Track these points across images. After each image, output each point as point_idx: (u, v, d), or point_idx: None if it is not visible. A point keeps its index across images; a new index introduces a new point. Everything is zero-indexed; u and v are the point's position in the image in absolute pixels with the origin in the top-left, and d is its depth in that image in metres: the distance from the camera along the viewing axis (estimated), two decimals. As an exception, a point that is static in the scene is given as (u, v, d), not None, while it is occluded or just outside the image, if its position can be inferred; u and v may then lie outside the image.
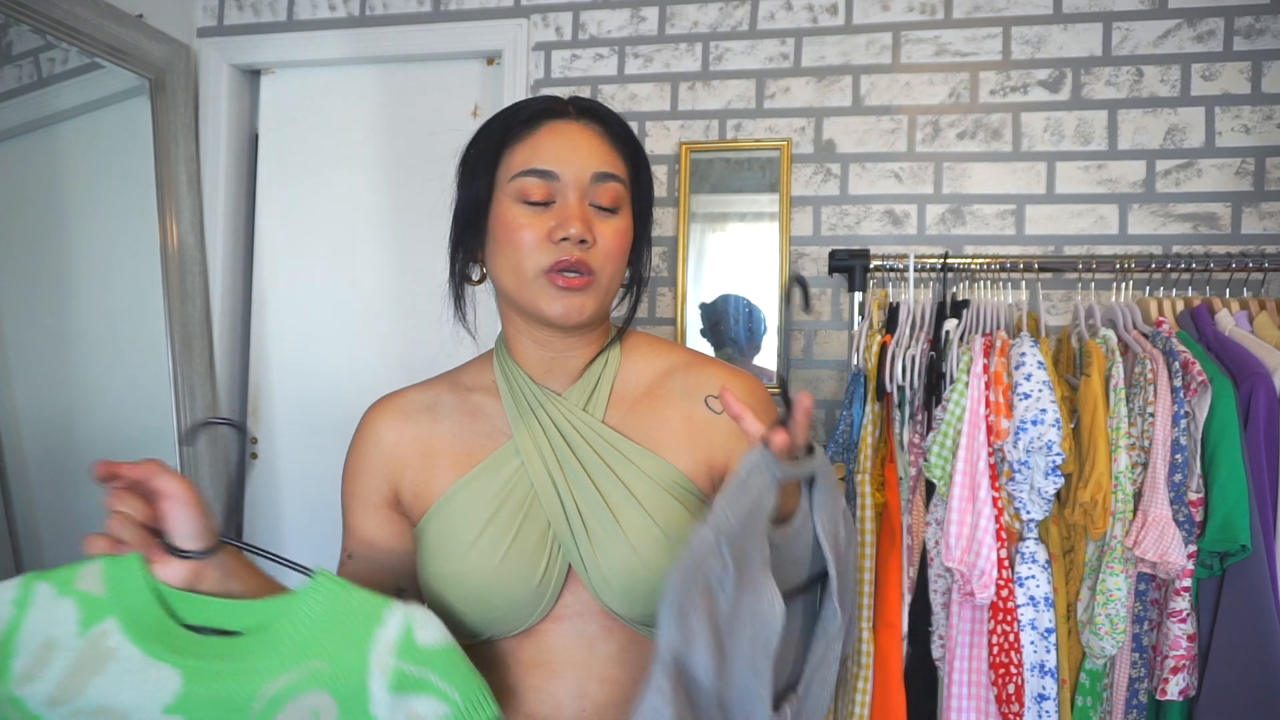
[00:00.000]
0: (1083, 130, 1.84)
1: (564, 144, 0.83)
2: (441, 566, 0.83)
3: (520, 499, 0.83)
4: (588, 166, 0.83)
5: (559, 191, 0.82)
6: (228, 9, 2.23)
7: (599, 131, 0.85)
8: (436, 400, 0.91)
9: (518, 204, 0.83)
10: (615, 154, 0.86)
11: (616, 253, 0.84)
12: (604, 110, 0.88)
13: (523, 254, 0.82)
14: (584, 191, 0.83)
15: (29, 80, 1.86)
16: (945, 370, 1.54)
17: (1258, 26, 1.77)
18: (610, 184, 0.84)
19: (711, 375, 0.89)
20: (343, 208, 2.21)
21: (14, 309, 1.82)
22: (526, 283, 0.82)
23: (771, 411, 0.91)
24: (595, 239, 0.82)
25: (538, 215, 0.82)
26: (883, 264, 1.74)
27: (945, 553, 1.37)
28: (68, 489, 1.91)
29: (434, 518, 0.85)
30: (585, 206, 0.82)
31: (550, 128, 0.84)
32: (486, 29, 2.09)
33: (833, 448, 1.63)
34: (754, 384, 0.91)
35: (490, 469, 0.85)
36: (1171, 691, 1.34)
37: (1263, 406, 1.35)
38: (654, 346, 0.94)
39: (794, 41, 1.96)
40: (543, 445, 0.85)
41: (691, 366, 0.91)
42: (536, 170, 0.82)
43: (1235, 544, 1.30)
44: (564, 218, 0.81)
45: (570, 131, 0.84)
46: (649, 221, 0.92)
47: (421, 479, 0.88)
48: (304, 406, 2.22)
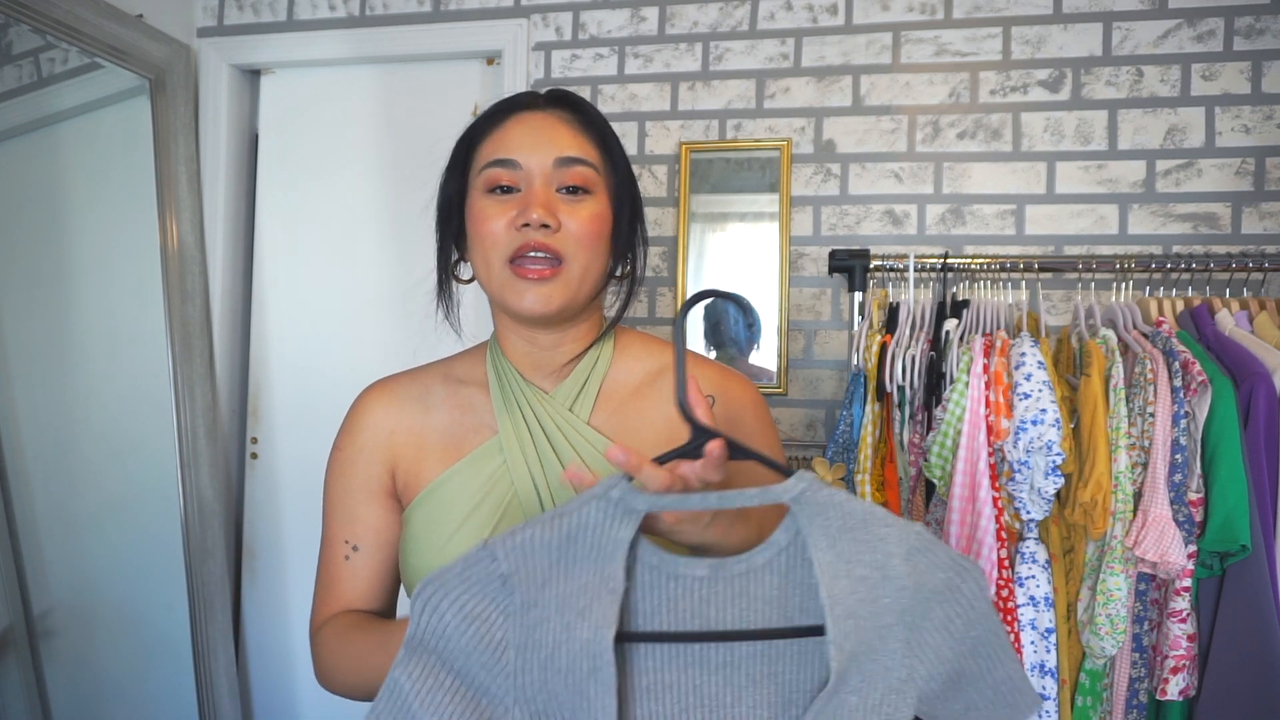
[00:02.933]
0: (1083, 130, 1.84)
1: (527, 131, 0.83)
2: (420, 559, 0.84)
3: (501, 495, 0.83)
4: (550, 151, 0.82)
5: (524, 179, 0.82)
6: (228, 9, 2.23)
7: (566, 118, 0.85)
8: (428, 390, 0.91)
9: (485, 195, 0.83)
10: (584, 139, 0.84)
11: (589, 237, 0.82)
12: (575, 98, 0.87)
13: (489, 243, 0.82)
14: (548, 177, 0.82)
15: (29, 80, 1.86)
16: (945, 370, 1.54)
17: (1258, 26, 1.77)
18: (577, 167, 0.82)
19: (703, 375, 0.88)
20: (342, 207, 2.21)
21: (14, 309, 1.82)
22: (495, 274, 0.82)
23: (762, 416, 0.89)
24: (560, 223, 0.81)
25: (504, 204, 0.82)
26: (883, 264, 1.74)
27: (945, 553, 1.37)
28: (68, 488, 1.91)
29: (418, 509, 0.85)
30: (550, 192, 0.82)
31: (516, 119, 0.84)
32: (486, 29, 2.09)
33: (833, 448, 1.63)
34: (745, 384, 0.90)
35: (474, 463, 0.85)
36: (1171, 691, 1.34)
37: (1263, 406, 1.35)
38: (647, 345, 0.93)
39: (794, 41, 1.96)
40: (525, 442, 0.84)
41: None
42: (500, 160, 0.82)
43: (1235, 544, 1.30)
44: (526, 203, 0.80)
45: (535, 121, 0.84)
46: (635, 211, 0.89)
47: (412, 469, 0.88)
48: (304, 406, 2.22)
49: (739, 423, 0.88)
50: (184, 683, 2.04)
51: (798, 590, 0.63)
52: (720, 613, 0.63)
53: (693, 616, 0.62)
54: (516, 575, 0.61)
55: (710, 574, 0.62)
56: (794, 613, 0.63)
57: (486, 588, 0.62)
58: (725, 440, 0.65)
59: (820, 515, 0.62)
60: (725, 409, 0.87)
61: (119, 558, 2.00)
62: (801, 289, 1.96)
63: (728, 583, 0.63)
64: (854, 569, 0.62)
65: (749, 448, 0.66)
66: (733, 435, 0.67)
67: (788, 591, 0.63)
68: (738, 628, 0.63)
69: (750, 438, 0.86)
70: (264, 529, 2.24)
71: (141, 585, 2.04)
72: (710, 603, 0.63)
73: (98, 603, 1.94)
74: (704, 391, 0.84)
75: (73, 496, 1.91)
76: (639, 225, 0.90)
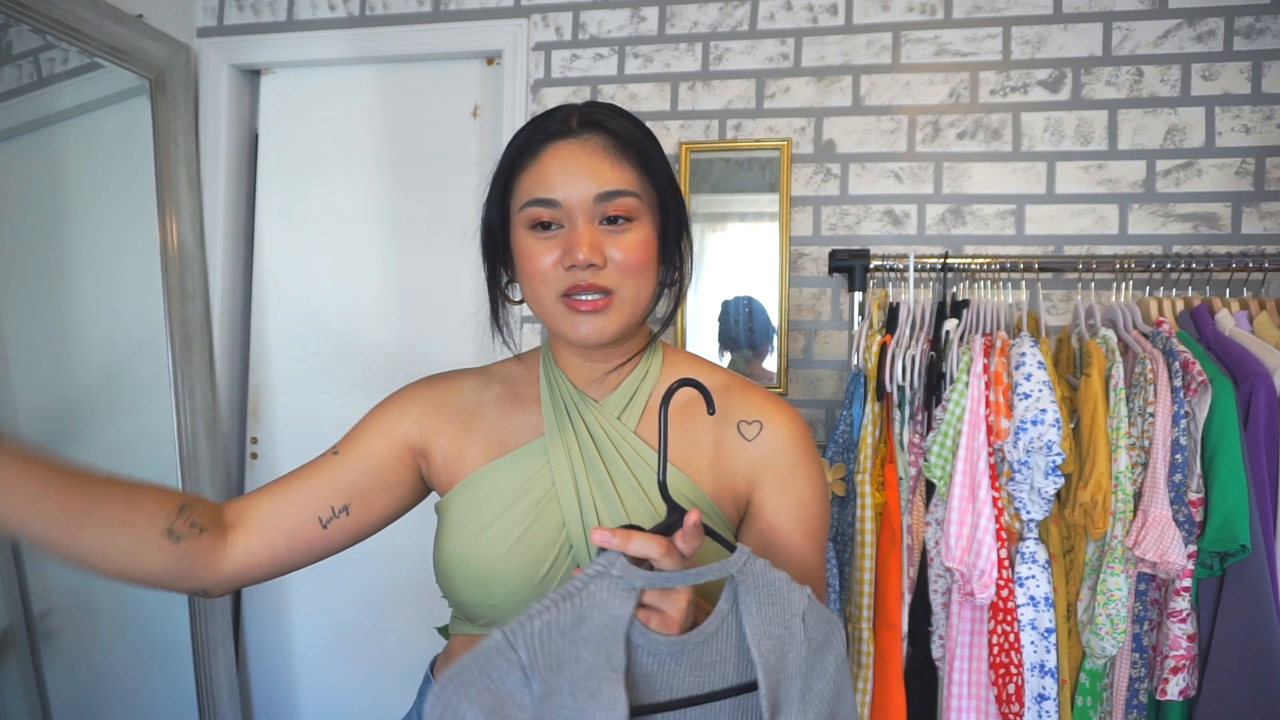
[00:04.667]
0: (1083, 130, 1.84)
1: (565, 167, 0.83)
2: (454, 544, 0.86)
3: (539, 495, 0.85)
4: (591, 187, 0.82)
5: (566, 216, 0.82)
6: (228, 9, 2.23)
7: (602, 144, 0.84)
8: (485, 385, 0.94)
9: (529, 232, 0.84)
10: (623, 165, 0.84)
11: (636, 266, 0.83)
12: (608, 117, 0.86)
13: (538, 281, 0.83)
14: (590, 213, 0.82)
15: (29, 80, 1.86)
16: (945, 370, 1.54)
17: (1258, 26, 1.77)
18: (618, 200, 0.82)
19: (750, 401, 0.89)
20: (342, 208, 2.21)
21: (14, 308, 1.82)
22: (547, 308, 0.84)
23: (807, 446, 0.89)
24: (606, 260, 0.82)
25: (548, 242, 0.83)
26: (883, 264, 1.74)
27: (945, 553, 1.37)
28: (68, 489, 1.90)
29: (458, 495, 0.88)
30: (593, 229, 0.82)
31: (552, 151, 0.84)
32: (486, 29, 2.09)
33: (833, 448, 1.63)
34: (792, 415, 0.90)
35: (518, 459, 0.87)
36: (1171, 691, 1.34)
37: (1263, 406, 1.35)
38: (694, 365, 0.95)
39: (794, 41, 1.96)
40: (572, 446, 0.86)
41: (731, 390, 0.90)
42: (540, 199, 0.83)
43: (1235, 544, 1.30)
44: (570, 244, 0.81)
45: (571, 152, 0.83)
46: (680, 220, 0.90)
47: (455, 449, 0.90)
48: (304, 406, 2.22)
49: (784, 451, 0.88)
50: (184, 683, 2.04)
51: (733, 653, 0.72)
52: (682, 681, 0.71)
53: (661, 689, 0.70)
54: (535, 664, 0.64)
55: (679, 649, 0.70)
56: (730, 673, 0.72)
57: (507, 680, 0.64)
58: None
59: (752, 583, 0.72)
60: (769, 435, 0.88)
61: (119, 558, 2.00)
62: (801, 289, 1.96)
63: (689, 653, 0.70)
64: (772, 629, 0.72)
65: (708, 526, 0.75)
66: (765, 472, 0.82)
67: (726, 655, 0.72)
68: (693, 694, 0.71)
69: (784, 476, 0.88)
70: (264, 529, 2.23)
71: (141, 585, 2.04)
72: (677, 674, 0.70)
73: (98, 603, 1.94)
74: (750, 418, 0.88)
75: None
76: (685, 233, 0.91)
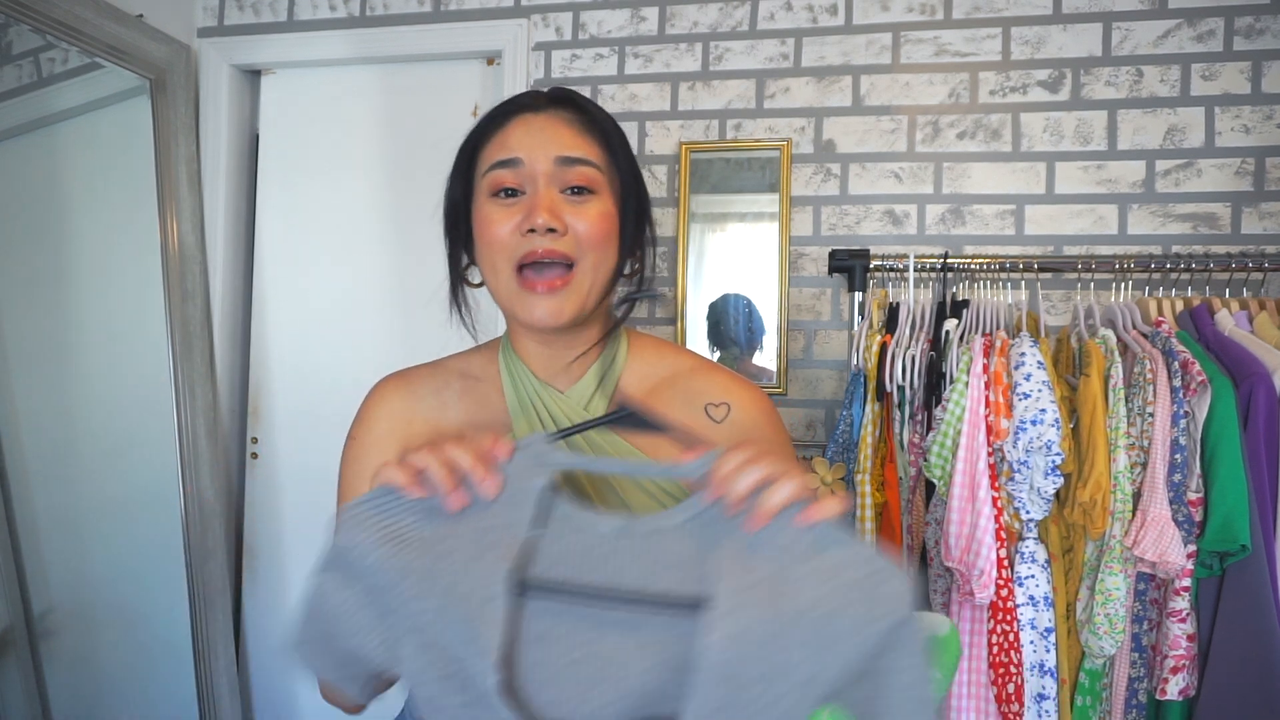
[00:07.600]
0: (1082, 130, 1.84)
1: (529, 132, 0.83)
2: None
3: None
4: (552, 150, 0.81)
5: (527, 179, 0.81)
6: (228, 9, 2.23)
7: (569, 118, 0.84)
8: (445, 385, 0.91)
9: (490, 199, 0.82)
10: (587, 138, 0.84)
11: (596, 238, 0.81)
12: (578, 98, 0.87)
13: (496, 249, 0.81)
14: (551, 177, 0.81)
15: (29, 80, 1.86)
16: (945, 370, 1.54)
17: (1258, 26, 1.77)
18: (579, 167, 0.82)
19: (715, 383, 0.88)
20: (343, 207, 2.22)
21: (14, 308, 1.82)
22: (503, 284, 0.82)
23: (776, 424, 0.89)
24: (566, 226, 0.80)
25: (508, 209, 0.81)
26: (883, 264, 1.74)
27: (945, 553, 1.37)
28: (68, 488, 1.91)
29: None
30: (554, 194, 0.81)
31: (519, 120, 0.84)
32: (486, 29, 2.09)
33: (833, 448, 1.63)
34: (758, 394, 0.90)
35: None
36: (1171, 691, 1.34)
37: (1262, 406, 1.35)
38: (659, 350, 0.93)
39: (794, 41, 1.96)
40: None
41: (696, 372, 0.90)
42: (502, 161, 0.82)
43: (1235, 544, 1.30)
44: (531, 207, 0.80)
45: (537, 121, 0.83)
46: (642, 209, 0.88)
47: None
48: (304, 406, 2.22)
49: (752, 430, 0.87)
50: (184, 683, 2.04)
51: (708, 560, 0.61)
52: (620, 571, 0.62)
53: (592, 571, 0.62)
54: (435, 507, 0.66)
55: (615, 532, 0.63)
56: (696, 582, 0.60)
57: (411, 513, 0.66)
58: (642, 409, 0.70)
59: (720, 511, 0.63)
60: (738, 415, 0.87)
61: (119, 558, 2.00)
62: (801, 289, 1.96)
63: (633, 541, 0.63)
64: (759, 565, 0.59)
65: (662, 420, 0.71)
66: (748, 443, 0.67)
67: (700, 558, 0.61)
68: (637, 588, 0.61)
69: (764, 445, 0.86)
70: (264, 529, 2.24)
71: (141, 585, 2.04)
72: (610, 560, 0.63)
73: (98, 603, 1.94)
74: (716, 399, 0.86)
75: (73, 496, 1.91)
76: (646, 224, 0.90)
